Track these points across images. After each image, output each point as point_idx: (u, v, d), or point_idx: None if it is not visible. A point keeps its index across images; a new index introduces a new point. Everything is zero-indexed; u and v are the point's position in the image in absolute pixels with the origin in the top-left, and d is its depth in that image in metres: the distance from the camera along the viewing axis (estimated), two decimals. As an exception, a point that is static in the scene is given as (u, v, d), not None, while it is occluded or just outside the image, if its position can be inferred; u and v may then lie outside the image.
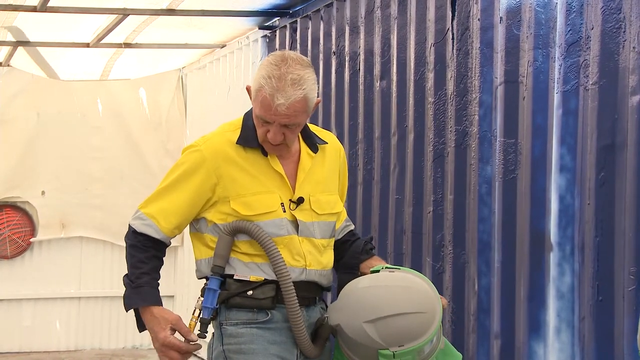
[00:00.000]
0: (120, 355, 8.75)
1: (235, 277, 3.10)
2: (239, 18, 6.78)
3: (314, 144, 3.22)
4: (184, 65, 8.87)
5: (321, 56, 5.77)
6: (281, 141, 3.06)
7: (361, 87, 5.24)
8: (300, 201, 3.13)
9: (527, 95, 3.76)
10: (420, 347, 2.96)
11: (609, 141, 3.31)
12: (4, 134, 8.60)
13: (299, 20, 6.18)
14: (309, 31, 6.00)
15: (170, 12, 6.41)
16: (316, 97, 3.08)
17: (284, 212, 3.11)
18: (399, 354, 2.94)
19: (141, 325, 3.13)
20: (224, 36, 7.54)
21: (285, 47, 6.38)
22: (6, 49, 7.96)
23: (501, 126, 3.92)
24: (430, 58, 4.50)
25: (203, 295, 3.12)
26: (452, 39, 4.32)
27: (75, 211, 8.77)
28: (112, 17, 6.65)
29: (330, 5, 5.66)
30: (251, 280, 3.09)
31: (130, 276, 3.10)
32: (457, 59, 4.28)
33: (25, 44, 7.61)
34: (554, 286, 3.61)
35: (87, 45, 7.57)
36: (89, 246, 8.92)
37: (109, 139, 8.88)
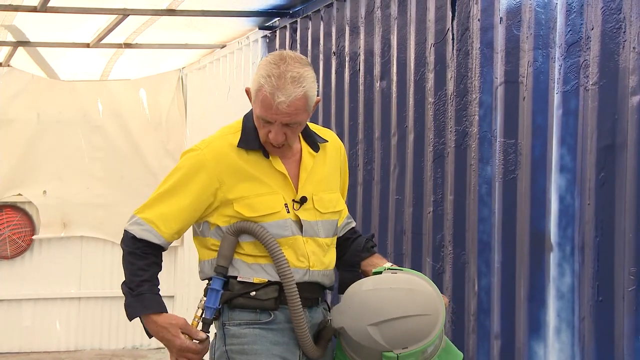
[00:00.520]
0: (120, 355, 8.75)
1: (239, 279, 3.09)
2: (239, 18, 6.78)
3: (315, 143, 3.22)
4: (184, 65, 8.88)
5: (321, 56, 5.77)
6: (283, 142, 3.05)
7: (361, 88, 5.24)
8: (304, 201, 3.13)
9: (527, 95, 3.76)
10: (424, 349, 2.96)
11: (609, 141, 3.31)
12: (4, 134, 8.61)
13: (299, 20, 6.18)
14: (309, 31, 6.00)
15: (171, 12, 6.41)
16: (316, 95, 3.07)
17: (287, 212, 3.10)
18: (402, 356, 2.95)
19: (149, 332, 3.12)
20: (224, 36, 7.55)
21: (285, 47, 6.38)
22: (6, 49, 7.96)
23: (501, 126, 3.92)
24: (430, 58, 4.50)
25: (206, 295, 3.12)
26: (452, 39, 4.33)
27: (76, 210, 8.79)
28: (112, 18, 6.65)
29: (330, 5, 5.66)
30: (254, 282, 3.08)
31: (130, 284, 3.07)
32: (457, 59, 4.28)
33: (25, 44, 7.61)
34: (554, 286, 3.61)
35: (87, 45, 7.57)
36: (89, 246, 8.93)
37: (109, 139, 8.89)
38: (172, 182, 3.11)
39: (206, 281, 3.19)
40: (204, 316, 3.11)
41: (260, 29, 6.90)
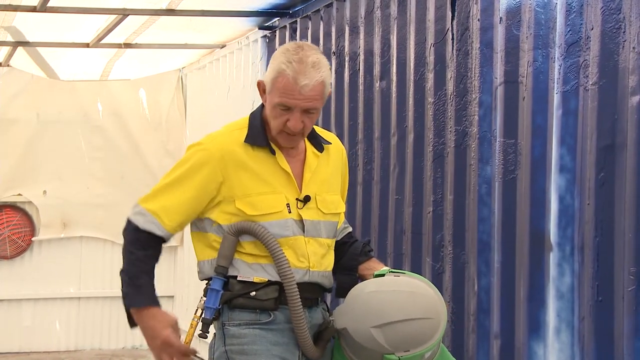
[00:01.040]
0: (120, 355, 8.75)
1: (239, 278, 3.09)
2: (238, 18, 6.78)
3: (320, 144, 3.22)
4: (183, 65, 8.88)
5: (321, 56, 5.77)
6: (301, 129, 3.05)
7: (361, 87, 5.24)
8: (307, 200, 3.13)
9: (527, 95, 3.76)
10: (424, 353, 2.97)
11: (609, 141, 3.31)
12: (4, 134, 8.61)
13: (298, 20, 6.18)
14: (309, 31, 6.00)
15: (170, 12, 6.41)
16: (330, 87, 3.09)
17: (289, 212, 3.10)
18: (404, 358, 2.95)
19: (132, 322, 3.11)
20: (223, 36, 7.55)
21: (285, 47, 6.37)
22: (6, 49, 7.96)
23: (501, 126, 3.93)
24: (430, 58, 4.50)
25: (205, 295, 3.11)
26: (452, 39, 4.33)
27: (76, 210, 8.80)
28: (112, 18, 6.65)
29: (330, 5, 5.66)
30: (255, 281, 3.08)
31: (129, 272, 3.06)
32: (457, 59, 4.28)
33: (25, 44, 7.61)
34: (553, 286, 3.61)
35: (87, 45, 7.57)
36: (88, 246, 8.93)
37: (109, 139, 8.90)
38: (178, 174, 3.11)
39: (204, 280, 3.19)
40: (203, 316, 3.10)
41: (260, 29, 6.91)
